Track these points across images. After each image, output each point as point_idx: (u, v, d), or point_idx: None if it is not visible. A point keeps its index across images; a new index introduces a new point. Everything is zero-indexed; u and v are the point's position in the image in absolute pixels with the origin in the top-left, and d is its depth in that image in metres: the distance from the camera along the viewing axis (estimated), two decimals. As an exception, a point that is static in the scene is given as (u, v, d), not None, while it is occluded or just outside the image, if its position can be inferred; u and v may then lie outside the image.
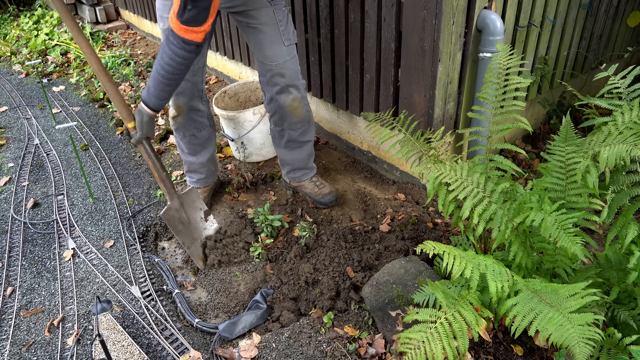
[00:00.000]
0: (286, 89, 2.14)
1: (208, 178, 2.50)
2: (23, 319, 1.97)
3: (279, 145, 2.40)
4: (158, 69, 1.77)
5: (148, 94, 1.85)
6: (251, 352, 1.67)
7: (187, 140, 2.34)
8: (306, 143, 2.37)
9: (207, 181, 2.50)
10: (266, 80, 2.14)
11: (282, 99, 2.16)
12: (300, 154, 2.40)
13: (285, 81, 2.11)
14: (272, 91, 2.16)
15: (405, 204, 2.39)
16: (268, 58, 2.05)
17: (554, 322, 1.13)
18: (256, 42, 2.05)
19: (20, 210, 2.63)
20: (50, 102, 3.92)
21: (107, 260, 2.24)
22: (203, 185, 2.50)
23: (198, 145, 2.36)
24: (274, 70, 2.08)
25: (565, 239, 1.26)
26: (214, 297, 2.04)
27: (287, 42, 2.06)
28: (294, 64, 2.11)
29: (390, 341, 1.66)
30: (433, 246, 1.28)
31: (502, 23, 2.00)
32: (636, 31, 3.07)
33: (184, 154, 2.42)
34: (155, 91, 1.82)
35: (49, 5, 6.32)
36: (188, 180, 2.52)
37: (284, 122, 2.26)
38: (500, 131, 1.61)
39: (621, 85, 1.50)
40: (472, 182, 1.50)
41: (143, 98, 1.87)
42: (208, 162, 2.44)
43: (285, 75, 2.10)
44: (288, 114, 2.21)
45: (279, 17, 2.01)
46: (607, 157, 1.27)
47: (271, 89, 2.15)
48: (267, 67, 2.08)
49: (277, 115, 2.25)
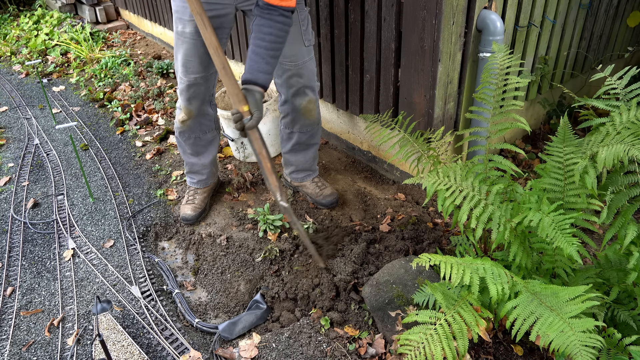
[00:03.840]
0: (303, 90, 2.12)
1: (209, 179, 2.50)
2: (23, 319, 1.98)
3: (285, 147, 2.39)
4: (260, 45, 1.73)
5: (253, 73, 1.76)
6: (251, 352, 1.68)
7: (191, 142, 2.32)
8: (313, 146, 2.38)
9: (207, 182, 2.50)
10: (282, 81, 2.12)
11: (298, 101, 2.15)
12: (306, 156, 2.40)
13: (303, 82, 2.10)
14: (288, 93, 2.13)
15: (405, 204, 2.39)
16: (288, 58, 2.02)
17: (554, 328, 1.13)
18: None
19: (20, 210, 2.63)
20: (50, 102, 3.92)
21: (107, 260, 2.24)
22: (203, 186, 2.50)
23: (201, 146, 2.35)
24: (292, 71, 2.06)
25: (562, 240, 1.26)
26: (214, 297, 2.05)
27: (307, 42, 2.04)
28: (312, 65, 2.10)
29: (390, 341, 1.66)
30: (429, 257, 1.28)
31: (502, 23, 2.00)
32: (636, 31, 3.06)
33: (186, 155, 2.40)
34: (263, 66, 1.76)
35: (49, 5, 6.32)
36: (188, 181, 2.52)
37: (295, 124, 2.25)
38: (499, 131, 1.61)
39: (618, 86, 1.50)
40: (467, 186, 1.50)
41: (247, 79, 1.76)
42: (210, 164, 2.43)
43: (303, 76, 2.08)
44: (301, 116, 2.20)
45: (301, 16, 1.99)
46: (605, 157, 1.27)
47: (287, 91, 2.13)
48: (285, 68, 2.06)
49: (289, 117, 2.23)
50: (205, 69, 2.05)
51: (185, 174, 2.53)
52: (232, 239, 2.31)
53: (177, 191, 2.69)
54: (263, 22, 1.73)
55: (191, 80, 2.05)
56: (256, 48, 1.74)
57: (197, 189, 2.49)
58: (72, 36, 4.98)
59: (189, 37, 1.95)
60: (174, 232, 2.43)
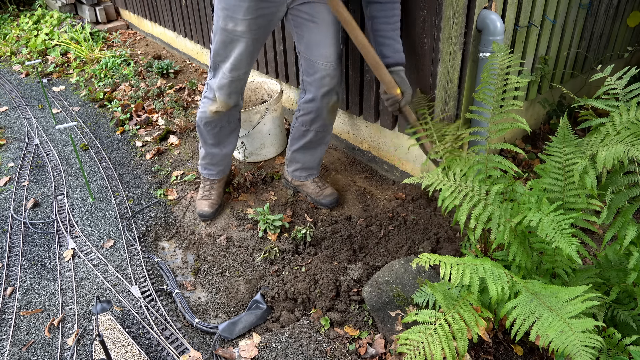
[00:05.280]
0: (332, 91, 2.13)
1: (226, 169, 2.50)
2: (23, 319, 1.98)
3: (296, 145, 2.38)
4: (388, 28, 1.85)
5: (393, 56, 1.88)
6: (251, 352, 1.68)
7: (216, 132, 2.31)
8: (323, 145, 2.39)
9: (225, 171, 2.50)
10: (313, 80, 2.12)
11: (326, 101, 2.15)
12: (314, 155, 2.40)
13: (334, 83, 2.11)
14: (317, 92, 2.13)
15: (405, 204, 2.39)
16: (324, 57, 2.04)
17: (554, 328, 1.13)
18: (314, 40, 2.02)
19: (20, 210, 2.63)
20: (50, 102, 3.92)
21: (107, 260, 2.25)
22: (221, 177, 2.49)
23: (225, 136, 2.35)
24: (326, 71, 2.07)
25: (561, 240, 1.26)
26: (214, 297, 2.05)
27: (341, 44, 2.07)
28: (340, 68, 2.13)
29: (390, 341, 1.66)
30: (429, 258, 1.28)
31: (502, 23, 2.00)
32: (636, 31, 3.06)
33: (207, 146, 2.38)
34: (397, 46, 1.89)
35: (49, 5, 6.32)
36: (206, 174, 2.48)
37: (315, 123, 2.25)
38: (499, 131, 1.61)
39: (617, 86, 1.50)
40: (466, 186, 1.50)
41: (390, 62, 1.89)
42: (230, 154, 2.44)
43: (334, 77, 2.10)
44: (324, 116, 2.21)
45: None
46: (604, 157, 1.27)
47: (317, 90, 2.13)
48: (319, 67, 2.06)
49: (311, 115, 2.22)
50: (250, 65, 2.10)
51: (202, 167, 2.49)
52: (232, 239, 2.31)
53: (177, 191, 2.69)
54: (384, 6, 1.83)
55: (237, 76, 2.08)
56: (385, 32, 1.86)
57: (213, 181, 2.48)
58: (72, 36, 4.98)
59: (241, 35, 1.96)
60: (174, 232, 2.44)
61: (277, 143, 2.87)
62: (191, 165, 2.91)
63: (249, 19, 1.90)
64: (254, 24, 1.93)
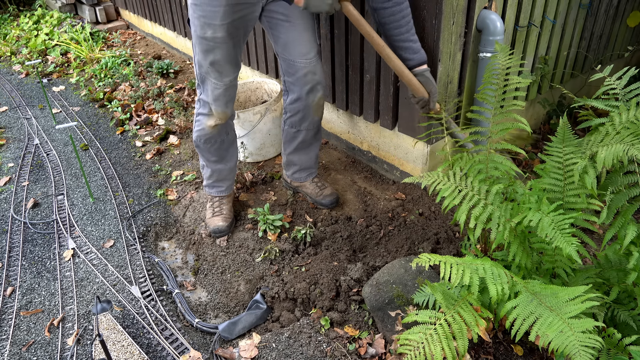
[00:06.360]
0: (316, 87, 2.13)
1: (233, 182, 2.44)
2: (23, 319, 1.98)
3: (289, 147, 2.37)
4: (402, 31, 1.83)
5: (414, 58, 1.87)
6: (251, 352, 1.68)
7: (216, 147, 2.25)
8: (316, 143, 2.38)
9: (233, 184, 2.44)
10: (295, 79, 2.11)
11: (311, 98, 2.15)
12: (309, 154, 2.40)
13: (317, 78, 2.11)
14: (301, 91, 2.13)
15: (406, 204, 2.39)
16: (303, 55, 2.03)
17: (554, 328, 1.13)
18: (291, 39, 2.01)
19: (20, 210, 2.63)
20: (50, 102, 3.92)
21: (107, 260, 2.25)
22: (228, 193, 2.42)
23: (225, 149, 2.29)
24: (307, 68, 2.06)
25: (561, 240, 1.26)
26: (214, 297, 2.05)
27: (317, 39, 2.06)
28: (321, 63, 2.12)
29: (390, 341, 1.66)
30: (429, 258, 1.28)
31: (502, 23, 2.00)
32: (636, 31, 3.07)
33: (211, 164, 2.31)
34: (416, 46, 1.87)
35: (49, 5, 6.32)
36: (214, 192, 2.39)
37: (303, 122, 2.24)
38: (500, 131, 1.61)
39: (617, 86, 1.50)
40: (466, 185, 1.50)
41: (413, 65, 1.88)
42: (235, 166, 2.38)
43: (316, 73, 2.09)
44: (312, 113, 2.20)
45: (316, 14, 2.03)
46: (604, 157, 1.27)
47: (301, 89, 2.12)
48: (299, 65, 2.06)
49: (299, 114, 2.22)
50: (236, 70, 2.06)
51: (210, 187, 2.40)
52: (232, 239, 2.31)
53: (177, 191, 2.70)
54: (393, 10, 1.79)
55: (227, 83, 2.04)
56: (399, 36, 1.84)
57: (222, 197, 2.40)
58: (72, 36, 4.98)
59: (221, 42, 1.91)
60: (174, 232, 2.44)
61: (277, 143, 2.87)
62: (191, 165, 2.91)
63: (227, 23, 1.86)
64: (232, 27, 1.89)
